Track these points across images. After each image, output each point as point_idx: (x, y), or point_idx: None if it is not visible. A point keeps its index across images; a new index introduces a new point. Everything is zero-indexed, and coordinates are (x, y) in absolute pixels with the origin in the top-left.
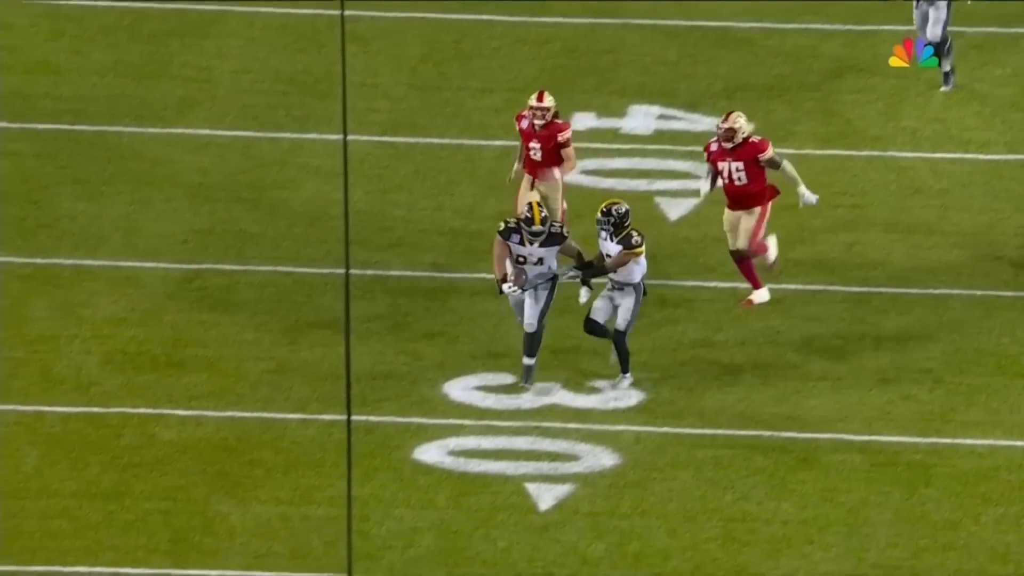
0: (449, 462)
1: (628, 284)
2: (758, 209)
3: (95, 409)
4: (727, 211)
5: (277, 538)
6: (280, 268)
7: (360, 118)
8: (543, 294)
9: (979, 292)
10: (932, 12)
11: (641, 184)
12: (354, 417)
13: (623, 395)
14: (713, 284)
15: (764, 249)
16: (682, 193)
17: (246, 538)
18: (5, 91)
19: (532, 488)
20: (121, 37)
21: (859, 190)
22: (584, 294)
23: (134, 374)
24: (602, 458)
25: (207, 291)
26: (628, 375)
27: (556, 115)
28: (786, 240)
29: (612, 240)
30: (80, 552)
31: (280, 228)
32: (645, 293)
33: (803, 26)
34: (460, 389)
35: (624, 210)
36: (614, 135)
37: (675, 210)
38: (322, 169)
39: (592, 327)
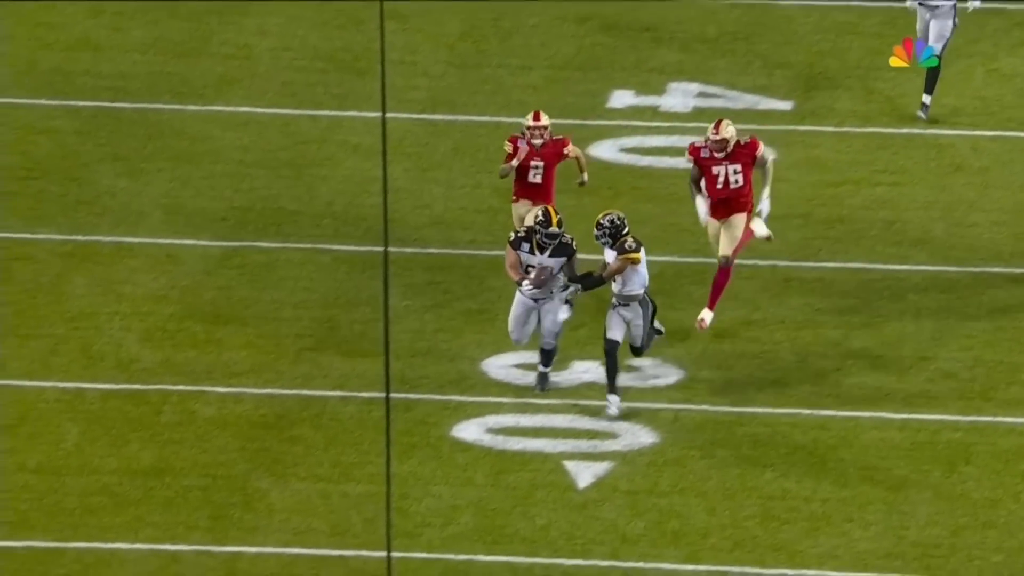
0: (488, 440)
1: (632, 298)
2: (742, 217)
3: (135, 386)
4: (710, 221)
5: (316, 515)
6: (319, 245)
7: (399, 95)
8: (555, 307)
9: (1019, 270)
10: (935, 25)
11: (680, 162)
12: (393, 395)
13: (662, 372)
14: (752, 262)
15: (751, 235)
16: None
17: (285, 515)
18: (46, 68)
19: (571, 466)
20: (161, 14)
21: (899, 168)
22: (565, 311)
23: (174, 351)
24: (641, 436)
25: (246, 268)
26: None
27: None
28: (826, 218)
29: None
30: (120, 528)
31: (319, 205)
32: (654, 308)
33: (843, 3)
34: (499, 367)
35: (616, 218)
36: (653, 113)
37: None
38: (361, 146)
39: (612, 344)
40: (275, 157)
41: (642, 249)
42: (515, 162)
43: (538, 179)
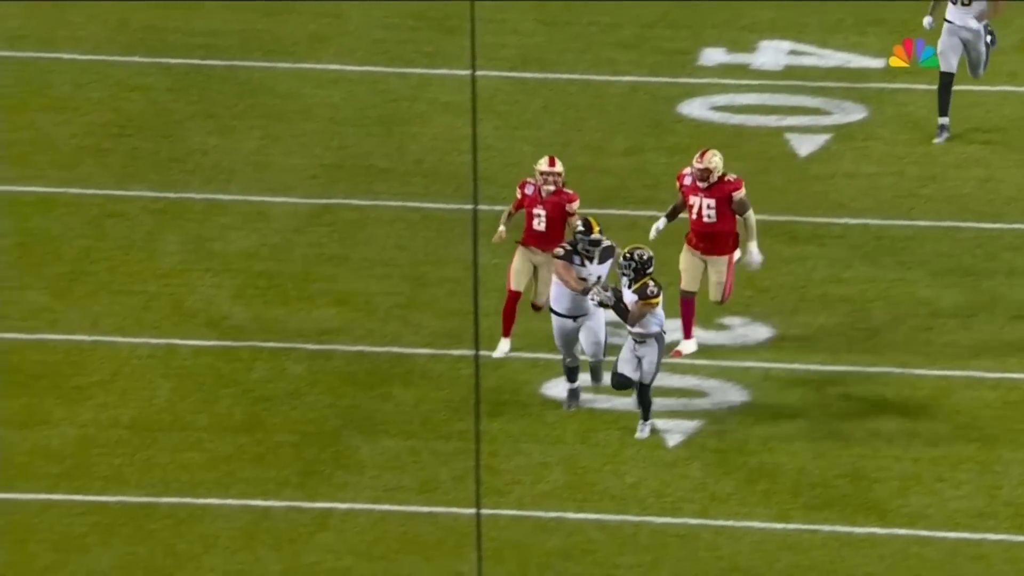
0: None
1: (648, 336)
2: (725, 259)
3: (226, 343)
4: (686, 251)
5: (406, 472)
6: (409, 203)
7: (489, 53)
8: (597, 325)
9: None
10: (972, 51)
11: (771, 120)
12: (482, 352)
13: (752, 331)
14: (843, 220)
15: (732, 276)
16: (812, 129)
17: (376, 472)
18: (138, 26)
19: (661, 424)
20: None
21: (993, 125)
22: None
23: (264, 308)
24: (730, 394)
25: (337, 226)
26: (650, 422)
27: (564, 182)
28: (918, 176)
29: (630, 288)
30: (212, 484)
31: (409, 163)
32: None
33: None
34: None
35: (647, 257)
36: (744, 71)
37: (805, 146)
38: (451, 104)
39: (620, 380)
40: (365, 115)
41: (661, 293)
42: (501, 228)
43: (542, 227)
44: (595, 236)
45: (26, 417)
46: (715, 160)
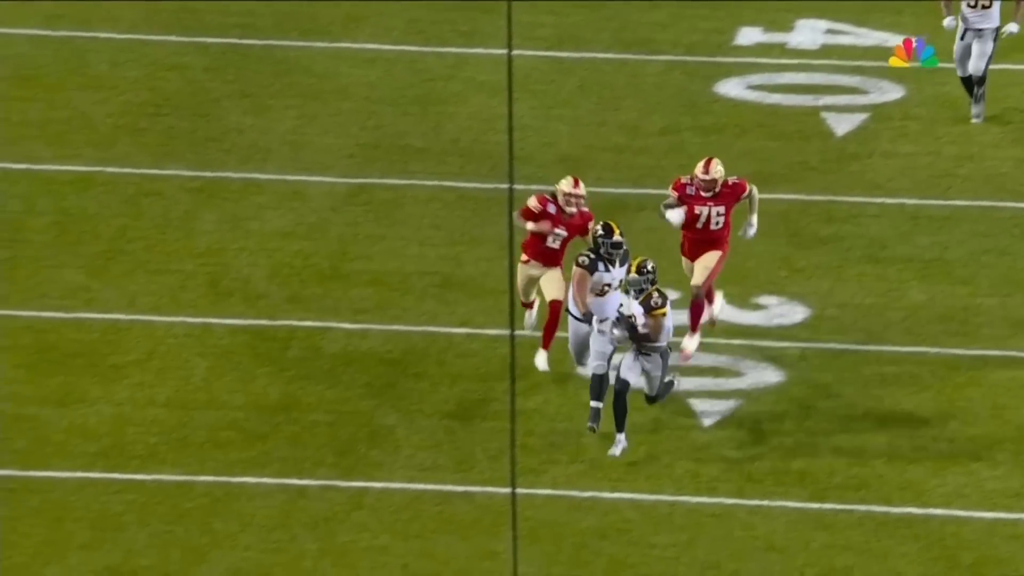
0: (612, 377)
1: (655, 349)
2: (717, 254)
3: (262, 322)
4: (684, 259)
5: (442, 451)
6: (445, 182)
7: (525, 32)
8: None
9: None
10: (977, 45)
11: (807, 99)
12: (518, 331)
13: (788, 311)
14: (880, 200)
15: (711, 299)
16: (849, 108)
17: (411, 451)
18: (175, 5)
19: (696, 404)
20: None
21: None
22: (541, 362)
23: (300, 287)
24: (766, 374)
25: (373, 205)
26: (624, 433)
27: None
28: (955, 156)
29: (634, 297)
30: (248, 463)
31: (445, 143)
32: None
33: None
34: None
35: (654, 266)
36: (781, 50)
37: (842, 125)
38: (487, 84)
39: (623, 387)
40: (402, 94)
41: (668, 303)
42: (532, 227)
43: (556, 244)
44: (617, 238)
45: (63, 396)
46: (720, 169)
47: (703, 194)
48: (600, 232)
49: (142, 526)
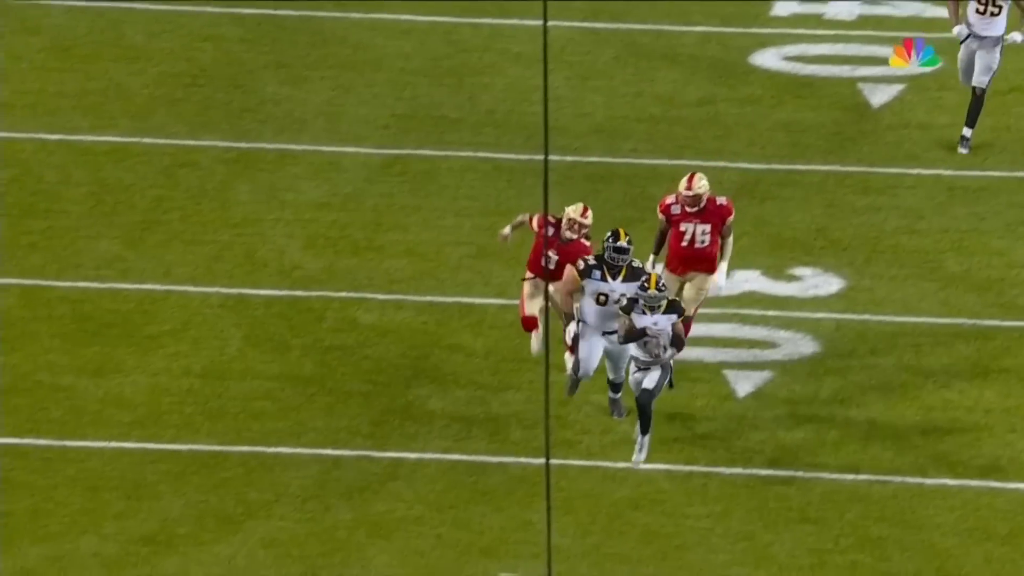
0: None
1: (656, 362)
2: (707, 278)
3: (297, 292)
4: (667, 273)
5: (476, 422)
6: (480, 154)
7: (561, 3)
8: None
9: None
10: (981, 58)
11: (844, 70)
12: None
13: (823, 282)
14: (916, 171)
15: (689, 328)
16: (885, 79)
17: (445, 422)
18: None
19: (730, 375)
20: None
21: None
22: (535, 344)
23: (335, 258)
24: (801, 346)
25: (408, 176)
26: (647, 436)
27: (588, 236)
28: (992, 127)
29: (649, 312)
30: (282, 433)
31: (480, 114)
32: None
33: None
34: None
35: (663, 283)
36: (817, 21)
37: (878, 96)
38: (523, 55)
39: (644, 394)
40: (437, 65)
41: None
42: (507, 230)
43: (552, 266)
44: (621, 244)
45: (99, 366)
46: (703, 184)
47: (688, 210)
48: (608, 236)
49: (177, 496)
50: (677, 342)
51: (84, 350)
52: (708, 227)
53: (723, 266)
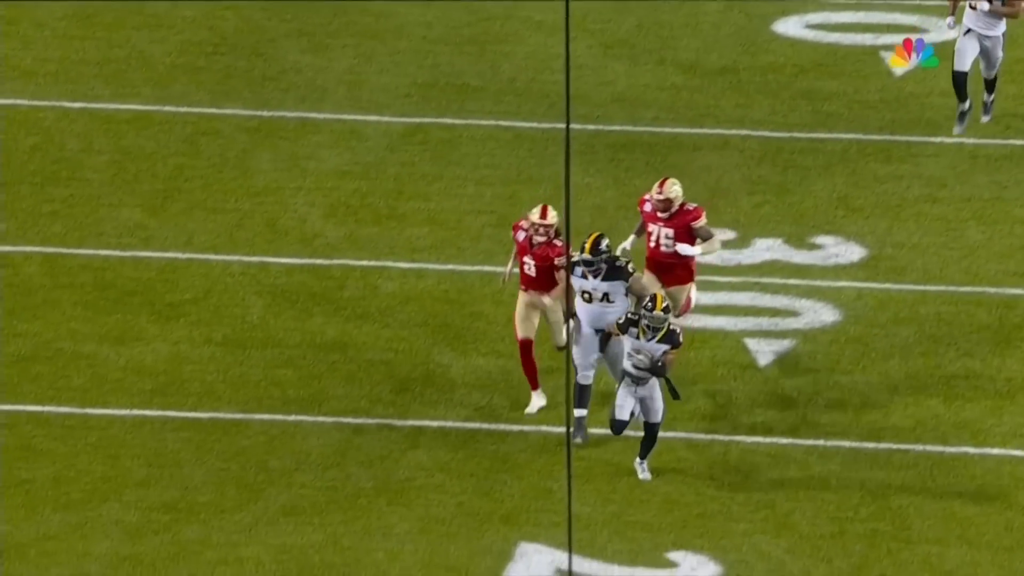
0: (669, 317)
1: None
2: (684, 288)
3: (318, 261)
4: (647, 273)
5: (497, 390)
6: (502, 122)
7: None
8: (618, 348)
9: None
10: (985, 56)
11: (866, 38)
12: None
13: (845, 250)
14: (939, 139)
15: (688, 306)
16: None
17: (467, 390)
18: None
19: (752, 343)
20: None
21: None
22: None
23: (357, 226)
24: (823, 314)
25: (429, 144)
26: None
27: (557, 233)
28: (1015, 95)
29: (648, 338)
30: (304, 401)
31: (502, 82)
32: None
33: None
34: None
35: (668, 305)
36: None
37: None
38: (544, 23)
39: (621, 427)
40: (459, 34)
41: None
42: (508, 271)
43: (533, 272)
44: (585, 256)
45: (120, 334)
46: (675, 189)
47: (659, 214)
48: (584, 242)
49: (198, 463)
50: (659, 368)
51: (106, 318)
52: (672, 232)
53: (697, 248)
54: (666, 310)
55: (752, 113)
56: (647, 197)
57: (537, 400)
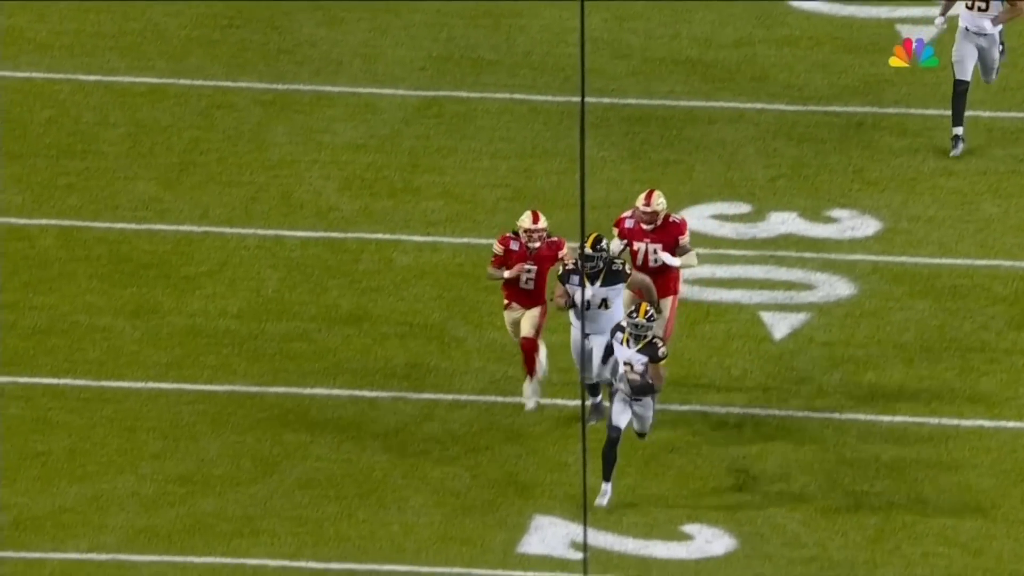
0: (683, 290)
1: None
2: (668, 300)
3: (334, 234)
4: (629, 293)
5: (512, 363)
6: (517, 95)
7: None
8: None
9: None
10: (983, 61)
11: (882, 11)
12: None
13: (860, 223)
14: None
15: (671, 324)
16: (925, 21)
17: (482, 363)
18: None
19: (767, 317)
20: None
21: None
22: (530, 398)
23: (372, 200)
24: (838, 287)
25: (444, 118)
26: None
27: (549, 235)
28: None
29: (630, 346)
30: (319, 374)
31: (517, 55)
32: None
33: None
34: (696, 218)
35: (652, 314)
36: None
37: (916, 37)
38: None
39: (616, 435)
40: (474, 6)
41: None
42: (508, 274)
43: (531, 285)
44: (588, 252)
45: (136, 306)
46: (661, 201)
47: (644, 227)
48: (594, 236)
49: (214, 436)
50: (644, 387)
51: (121, 291)
52: (660, 246)
53: (677, 260)
54: (650, 319)
55: (767, 86)
56: (625, 215)
57: (531, 392)
